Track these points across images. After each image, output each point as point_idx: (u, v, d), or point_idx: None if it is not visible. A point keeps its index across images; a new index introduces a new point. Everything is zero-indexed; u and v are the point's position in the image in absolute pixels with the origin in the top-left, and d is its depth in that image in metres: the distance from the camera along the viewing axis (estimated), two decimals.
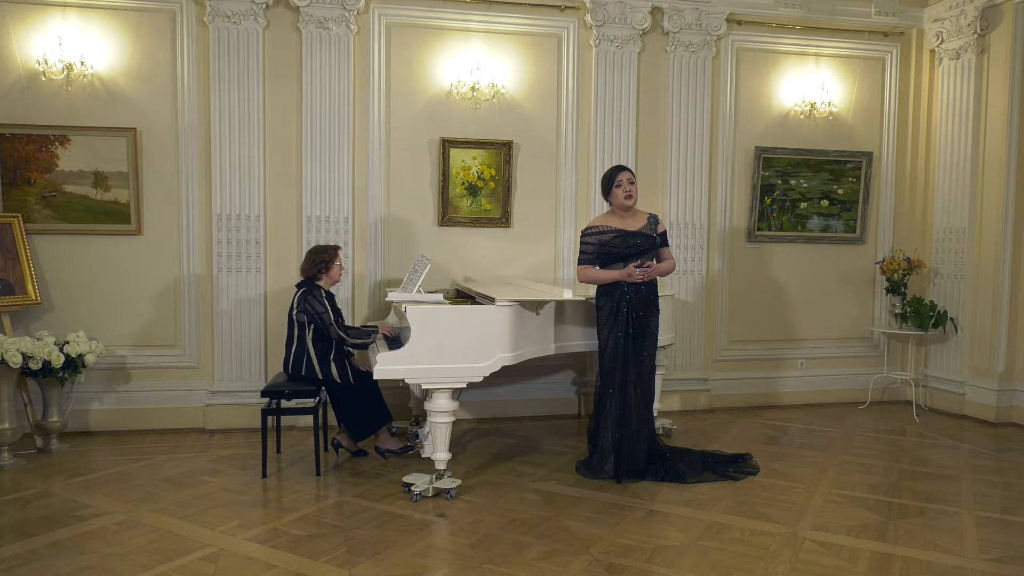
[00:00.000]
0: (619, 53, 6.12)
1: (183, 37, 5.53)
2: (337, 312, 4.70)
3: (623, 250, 4.51)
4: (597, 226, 4.60)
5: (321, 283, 4.71)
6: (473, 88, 5.88)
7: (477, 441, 5.42)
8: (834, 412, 6.48)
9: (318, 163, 5.69)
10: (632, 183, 4.56)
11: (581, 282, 4.72)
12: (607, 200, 4.64)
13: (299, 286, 4.70)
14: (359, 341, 4.65)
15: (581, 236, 4.64)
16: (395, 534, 3.67)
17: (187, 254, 5.63)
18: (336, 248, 4.82)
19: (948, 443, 5.56)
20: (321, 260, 4.71)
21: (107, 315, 5.54)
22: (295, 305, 4.63)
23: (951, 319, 6.42)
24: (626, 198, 4.53)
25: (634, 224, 4.58)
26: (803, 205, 6.69)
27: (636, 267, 4.45)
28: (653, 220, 4.63)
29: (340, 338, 4.57)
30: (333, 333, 4.56)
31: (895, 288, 6.47)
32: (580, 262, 4.61)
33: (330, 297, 4.70)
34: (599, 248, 4.54)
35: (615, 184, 4.55)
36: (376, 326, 4.98)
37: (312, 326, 4.58)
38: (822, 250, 6.81)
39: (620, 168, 4.62)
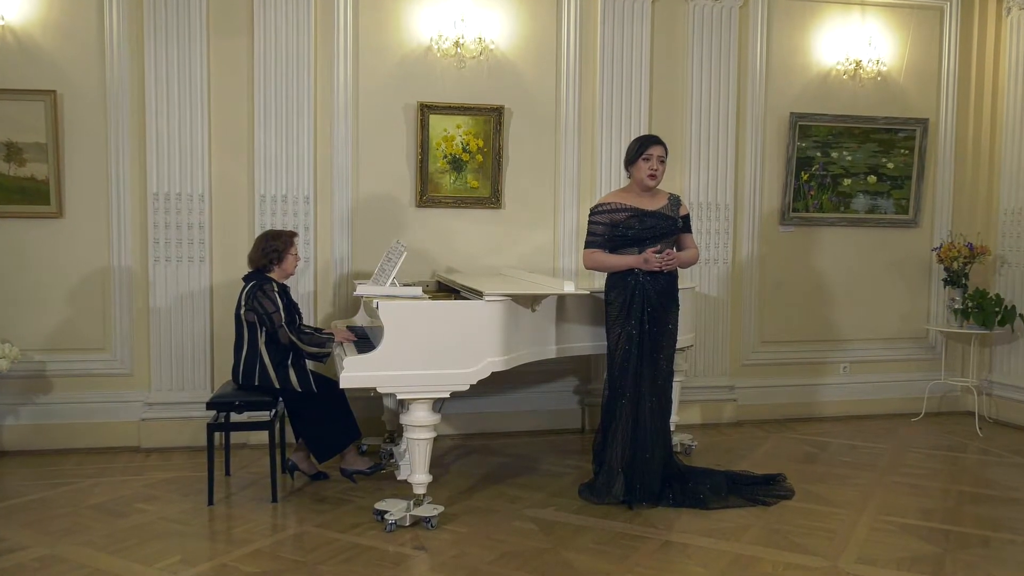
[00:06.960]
0: (630, 2, 6.10)
1: None
2: (292, 309, 4.70)
3: (639, 232, 4.52)
4: (609, 203, 4.61)
5: (272, 275, 4.70)
6: (457, 44, 5.86)
7: (463, 460, 5.44)
8: (882, 425, 6.51)
9: (273, 133, 5.67)
10: (662, 161, 4.57)
11: (588, 268, 4.74)
12: (628, 170, 4.64)
13: (247, 279, 4.69)
14: (314, 349, 4.63)
15: (590, 214, 4.65)
16: (365, 570, 3.67)
17: (117, 240, 5.60)
18: (292, 235, 4.81)
19: (1016, 461, 5.60)
20: (273, 248, 4.70)
21: (22, 313, 5.51)
22: (243, 302, 4.61)
23: (1020, 315, 6.45)
24: (649, 176, 4.54)
25: (652, 204, 4.59)
26: (846, 182, 6.70)
27: (654, 252, 4.45)
28: (674, 200, 4.66)
29: (292, 343, 4.56)
30: (283, 337, 4.54)
31: (955, 279, 6.49)
32: (587, 245, 4.62)
33: (284, 291, 4.69)
34: (610, 229, 4.55)
35: (642, 156, 4.54)
36: (331, 332, 4.92)
37: (264, 327, 4.57)
38: (869, 234, 6.83)
39: (654, 140, 4.62)
